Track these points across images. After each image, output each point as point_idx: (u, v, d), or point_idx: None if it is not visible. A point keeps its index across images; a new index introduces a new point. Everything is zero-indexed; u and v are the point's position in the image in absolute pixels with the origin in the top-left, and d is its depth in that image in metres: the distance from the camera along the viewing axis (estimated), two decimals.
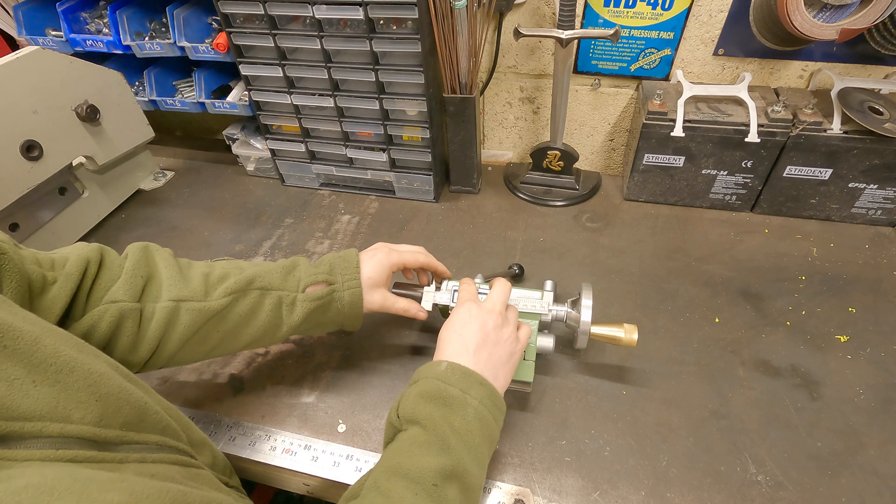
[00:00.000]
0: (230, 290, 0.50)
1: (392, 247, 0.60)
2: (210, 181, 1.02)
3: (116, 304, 0.45)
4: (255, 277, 0.52)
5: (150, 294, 0.48)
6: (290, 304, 0.53)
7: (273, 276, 0.53)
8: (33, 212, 0.80)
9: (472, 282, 0.57)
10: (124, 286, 0.46)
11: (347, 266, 0.56)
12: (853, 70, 0.76)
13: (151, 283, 0.48)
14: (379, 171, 0.91)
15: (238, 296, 0.51)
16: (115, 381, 0.34)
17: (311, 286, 0.54)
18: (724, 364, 0.63)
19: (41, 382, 0.30)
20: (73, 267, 0.44)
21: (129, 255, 0.49)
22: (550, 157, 0.90)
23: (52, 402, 0.30)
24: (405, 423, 0.44)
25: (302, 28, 0.77)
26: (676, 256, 0.78)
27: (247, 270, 0.52)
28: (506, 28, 0.83)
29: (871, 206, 0.79)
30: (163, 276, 0.49)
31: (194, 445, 0.41)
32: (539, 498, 0.52)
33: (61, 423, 0.29)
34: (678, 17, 0.75)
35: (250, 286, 0.51)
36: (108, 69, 0.84)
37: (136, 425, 0.34)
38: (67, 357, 0.32)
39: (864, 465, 0.53)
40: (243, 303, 0.51)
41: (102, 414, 0.32)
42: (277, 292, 0.53)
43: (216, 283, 0.50)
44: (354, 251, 0.58)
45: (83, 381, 0.32)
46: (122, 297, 0.45)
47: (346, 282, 0.55)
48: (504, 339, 0.50)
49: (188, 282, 0.49)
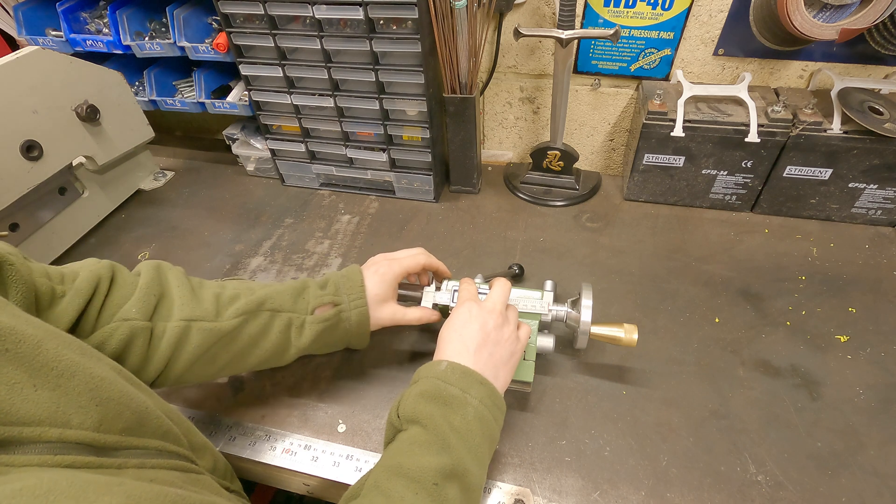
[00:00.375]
0: (241, 310, 0.50)
1: (390, 257, 0.60)
2: (210, 181, 1.02)
3: (128, 321, 0.45)
4: (266, 299, 0.52)
5: (162, 313, 0.48)
6: (299, 327, 0.53)
7: (284, 298, 0.53)
8: (33, 212, 0.80)
9: (473, 281, 0.57)
10: (137, 304, 0.46)
11: (352, 285, 0.56)
12: (853, 70, 0.76)
13: (163, 301, 0.48)
14: (379, 171, 0.91)
15: (249, 317, 0.51)
16: (117, 385, 0.34)
17: (319, 308, 0.54)
18: (724, 364, 0.63)
19: (42, 386, 0.30)
20: (84, 283, 0.44)
21: (143, 274, 0.49)
22: (550, 157, 0.90)
23: (52, 407, 0.30)
24: (405, 423, 0.44)
25: (302, 28, 0.77)
26: (676, 256, 0.78)
27: (258, 292, 0.53)
28: (506, 28, 0.83)
29: (871, 206, 0.79)
30: (175, 295, 0.49)
31: (195, 450, 0.41)
32: (539, 498, 0.52)
33: (60, 429, 0.29)
34: (678, 17, 0.75)
35: (261, 307, 0.52)
36: (108, 69, 0.84)
37: (137, 430, 0.34)
38: (69, 361, 0.32)
39: (864, 465, 0.53)
40: (254, 324, 0.51)
41: (102, 419, 0.32)
42: (288, 314, 0.53)
43: (227, 303, 0.51)
44: (356, 268, 0.58)
45: (84, 385, 0.32)
46: (135, 315, 0.45)
47: (352, 301, 0.55)
48: (504, 338, 0.50)
49: (200, 301, 0.49)
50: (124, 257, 0.85)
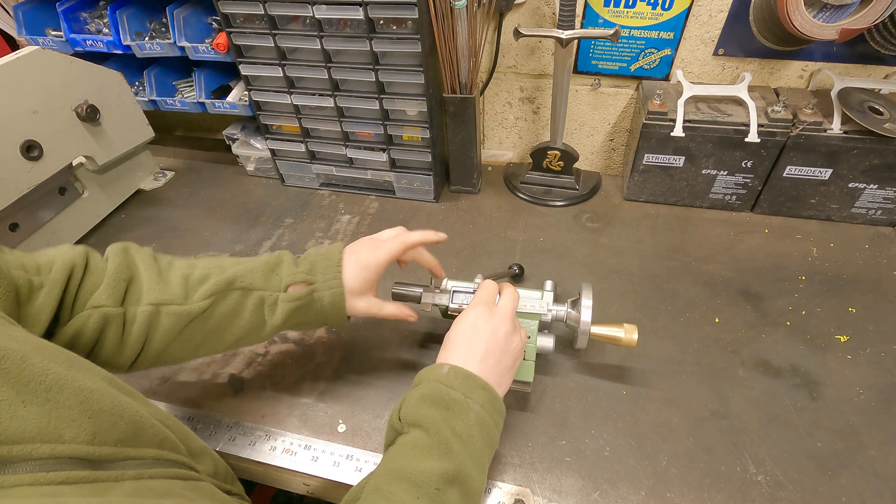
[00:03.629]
0: (210, 291, 0.49)
1: (375, 240, 0.57)
2: (210, 181, 1.02)
3: (100, 308, 0.45)
4: (237, 277, 0.50)
5: (132, 297, 0.47)
6: (272, 305, 0.52)
7: (255, 276, 0.51)
8: (33, 212, 0.80)
9: (494, 284, 0.55)
10: (107, 290, 0.46)
11: (329, 265, 0.53)
12: (853, 70, 0.76)
13: (133, 285, 0.48)
14: (379, 171, 0.91)
15: (219, 297, 0.50)
16: (109, 395, 0.34)
17: (293, 286, 0.52)
18: (724, 364, 0.63)
19: (31, 402, 0.29)
20: (59, 273, 0.44)
21: (110, 259, 0.48)
22: (550, 157, 0.90)
23: (43, 423, 0.29)
24: (407, 426, 0.44)
25: (302, 28, 0.77)
26: (676, 256, 0.78)
27: (228, 270, 0.51)
28: (506, 28, 0.83)
29: (871, 206, 0.79)
30: (143, 279, 0.48)
31: (194, 455, 0.41)
32: (539, 498, 0.52)
33: (52, 444, 0.29)
34: (678, 17, 0.75)
35: (231, 287, 0.50)
36: (108, 69, 0.84)
37: (132, 440, 0.34)
38: (56, 374, 0.31)
39: (864, 465, 0.53)
40: (224, 304, 0.50)
41: (96, 431, 0.31)
42: (259, 292, 0.51)
43: (196, 284, 0.50)
44: (339, 246, 0.55)
45: (74, 398, 0.31)
46: (105, 301, 0.45)
47: (326, 281, 0.53)
48: (512, 347, 0.50)
49: (167, 284, 0.48)
50: None
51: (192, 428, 0.60)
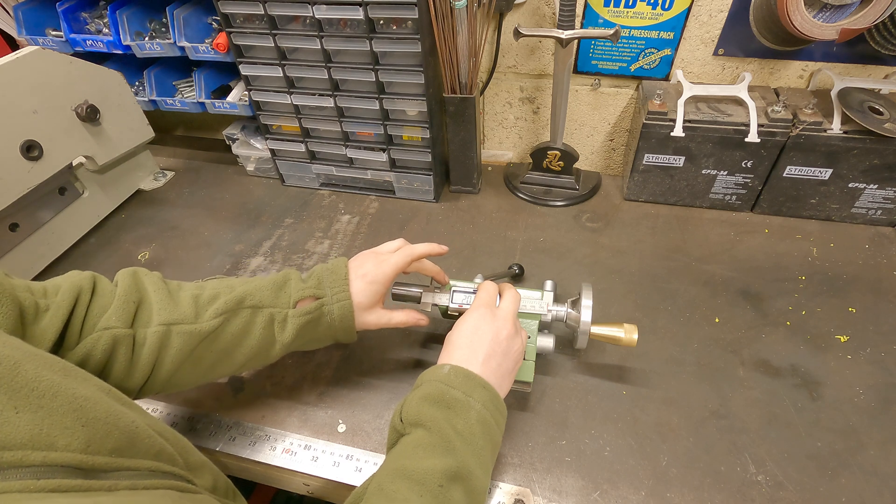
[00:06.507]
0: (220, 310, 0.49)
1: (379, 253, 0.57)
2: (210, 181, 1.02)
3: (109, 330, 0.45)
4: (246, 296, 0.51)
5: (142, 319, 0.47)
6: (281, 321, 0.52)
7: (264, 294, 0.52)
8: (33, 212, 0.80)
9: (495, 286, 0.56)
10: (116, 312, 0.46)
11: (335, 278, 0.54)
12: (853, 70, 0.76)
13: (142, 307, 0.48)
14: (379, 171, 0.91)
15: (229, 315, 0.50)
16: (104, 404, 0.33)
17: (301, 301, 0.53)
18: (724, 364, 0.63)
19: (23, 409, 0.29)
20: (66, 295, 0.44)
21: (120, 282, 0.48)
22: (550, 157, 0.90)
23: (35, 430, 0.29)
24: (408, 427, 0.44)
25: (302, 28, 0.77)
26: (676, 256, 0.78)
27: (237, 289, 0.51)
28: (506, 28, 0.83)
29: (871, 206, 0.79)
30: (153, 301, 0.48)
31: (193, 469, 0.40)
32: (539, 498, 0.52)
33: (44, 451, 0.28)
34: (678, 17, 0.75)
35: (241, 305, 0.50)
36: (108, 69, 0.84)
37: (127, 451, 0.33)
38: (50, 382, 0.31)
39: (864, 465, 0.53)
40: (235, 322, 0.50)
41: (89, 440, 0.31)
42: (269, 310, 0.51)
43: (206, 304, 0.50)
44: (343, 261, 0.56)
45: (68, 405, 0.31)
46: (115, 323, 0.45)
47: (334, 295, 0.53)
48: (514, 350, 0.50)
49: (178, 304, 0.49)
50: (124, 257, 0.85)
51: (192, 428, 0.60)
